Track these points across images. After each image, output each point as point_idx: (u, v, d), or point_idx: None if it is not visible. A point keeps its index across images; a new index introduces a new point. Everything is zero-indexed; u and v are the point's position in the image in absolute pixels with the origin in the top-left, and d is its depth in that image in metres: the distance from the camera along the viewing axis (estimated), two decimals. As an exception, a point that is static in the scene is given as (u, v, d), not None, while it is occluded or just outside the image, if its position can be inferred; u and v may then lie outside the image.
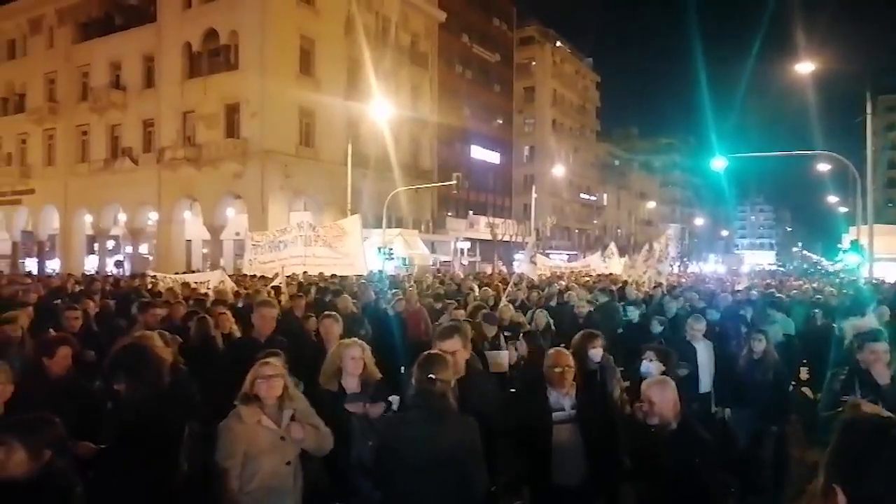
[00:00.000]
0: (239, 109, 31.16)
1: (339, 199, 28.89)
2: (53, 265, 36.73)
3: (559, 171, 53.24)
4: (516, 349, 6.59)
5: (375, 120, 31.15)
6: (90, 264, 35.96)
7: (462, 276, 21.91)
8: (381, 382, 4.11)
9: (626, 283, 14.64)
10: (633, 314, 8.64)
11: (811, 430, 5.94)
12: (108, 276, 22.33)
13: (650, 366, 4.95)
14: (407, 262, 30.96)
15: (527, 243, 24.89)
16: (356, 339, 4.43)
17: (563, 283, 16.00)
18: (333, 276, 14.55)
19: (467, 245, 43.81)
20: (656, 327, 7.58)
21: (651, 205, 77.95)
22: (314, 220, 26.38)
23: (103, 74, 35.97)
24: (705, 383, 6.30)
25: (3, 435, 2.56)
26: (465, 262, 39.69)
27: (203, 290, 11.88)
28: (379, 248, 25.43)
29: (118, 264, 32.57)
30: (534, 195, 43.96)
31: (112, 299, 10.09)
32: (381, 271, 19.72)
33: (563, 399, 4.05)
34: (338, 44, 33.97)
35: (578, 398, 4.06)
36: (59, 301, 9.40)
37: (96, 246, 37.98)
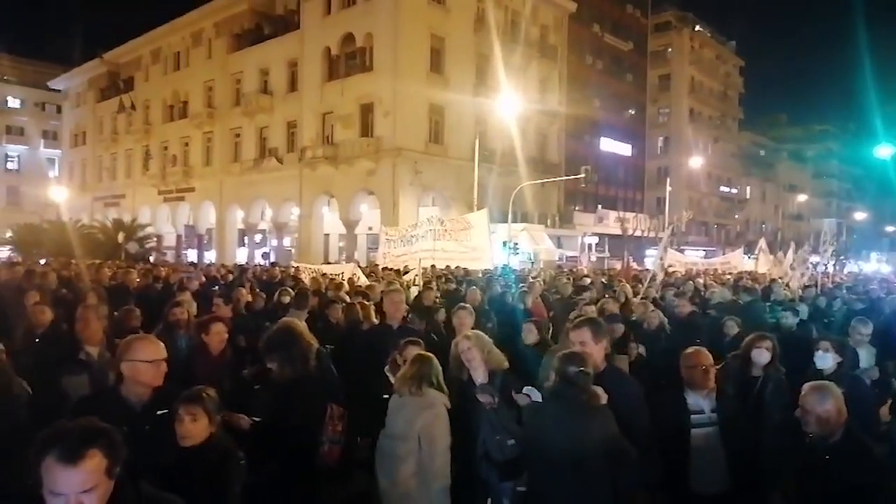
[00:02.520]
0: (373, 109, 32.49)
1: (466, 195, 29.24)
2: (210, 256, 40.48)
3: (696, 162, 50.23)
4: (637, 348, 6.33)
5: (503, 115, 31.16)
6: (241, 256, 39.25)
7: (588, 272, 21.37)
8: (509, 374, 4.08)
9: (773, 280, 13.54)
10: (787, 317, 7.26)
11: None
12: (258, 266, 23.99)
13: (825, 357, 4.55)
14: (532, 258, 30.77)
15: (660, 239, 23.79)
16: (472, 331, 4.43)
17: (701, 280, 15.11)
18: (448, 269, 14.73)
19: (595, 240, 42.65)
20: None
21: (802, 198, 71.31)
22: (442, 215, 27.04)
23: (253, 81, 38.98)
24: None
25: (191, 406, 2.88)
26: (592, 257, 38.68)
27: (338, 281, 12.57)
28: (504, 243, 25.45)
29: (265, 256, 35.26)
30: (668, 188, 41.87)
31: (261, 289, 10.92)
32: (506, 266, 19.74)
33: (702, 401, 3.83)
34: (467, 41, 34.37)
35: (720, 401, 3.81)
36: (216, 288, 10.36)
37: (246, 239, 41.33)
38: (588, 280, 13.92)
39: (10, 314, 6.73)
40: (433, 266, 14.38)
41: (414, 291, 9.81)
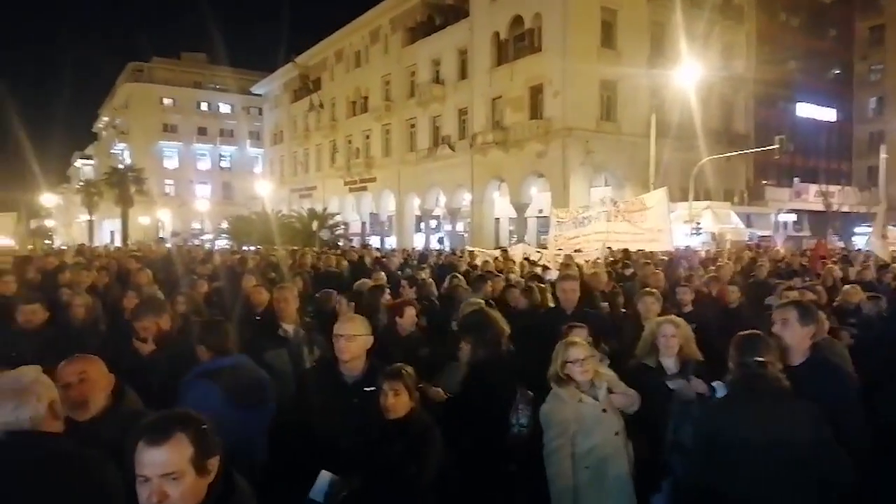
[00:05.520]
0: (542, 90, 32.18)
1: (641, 173, 27.92)
2: (390, 242, 43.10)
3: (921, 124, 43.13)
4: (851, 337, 5.64)
5: (681, 86, 29.18)
6: (418, 241, 41.27)
7: (784, 252, 19.35)
8: (702, 364, 3.90)
9: None
10: None
11: None
12: (435, 251, 24.94)
13: None
14: (716, 237, 28.61)
15: (874, 214, 20.83)
16: (672, 316, 4.28)
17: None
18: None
19: (792, 217, 38.47)
20: None
21: None
22: (615, 196, 26.13)
23: (426, 71, 40.48)
24: None
25: (393, 381, 3.17)
26: (788, 236, 34.95)
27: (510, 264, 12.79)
28: (685, 223, 23.99)
29: (440, 241, 36.74)
30: (882, 156, 36.39)
31: (439, 274, 11.45)
32: (687, 247, 18.60)
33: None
34: (641, 10, 32.65)
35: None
36: (400, 272, 11.07)
37: (422, 225, 43.34)
38: (783, 260, 12.65)
39: (228, 295, 7.81)
40: (610, 248, 13.97)
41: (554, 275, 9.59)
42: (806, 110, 41.80)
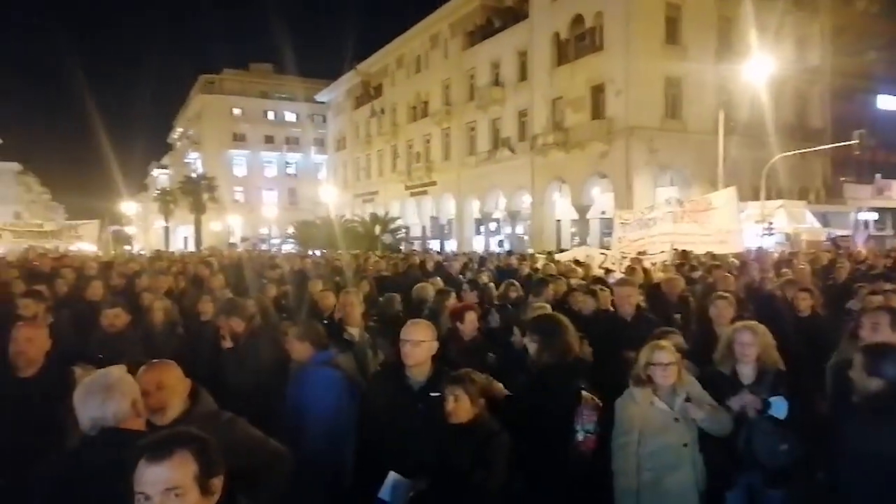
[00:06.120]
0: (604, 89, 31.66)
1: (708, 171, 27.02)
2: (450, 245, 43.30)
3: None
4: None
5: (751, 81, 28.07)
6: (477, 244, 41.29)
7: (866, 253, 18.27)
8: (782, 373, 3.72)
9: None
10: None
11: None
12: (497, 254, 24.84)
13: None
14: (791, 238, 27.36)
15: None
16: (751, 322, 4.11)
17: None
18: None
19: (874, 216, 36.32)
20: None
21: None
22: (681, 195, 25.36)
23: (486, 74, 40.51)
24: None
25: (455, 387, 3.20)
26: (869, 235, 33.01)
27: (572, 266, 12.61)
28: (756, 223, 23.06)
29: (500, 244, 36.62)
30: (977, 149, 33.93)
31: (499, 277, 11.41)
32: (759, 248, 17.86)
33: None
34: (707, 4, 31.65)
35: None
36: (461, 276, 11.12)
37: (482, 228, 43.34)
38: (864, 261, 11.96)
39: (295, 299, 8.04)
40: (676, 251, 13.56)
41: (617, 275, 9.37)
42: (887, 102, 39.33)
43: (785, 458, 3.43)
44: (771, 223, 24.23)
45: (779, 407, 3.29)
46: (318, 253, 25.36)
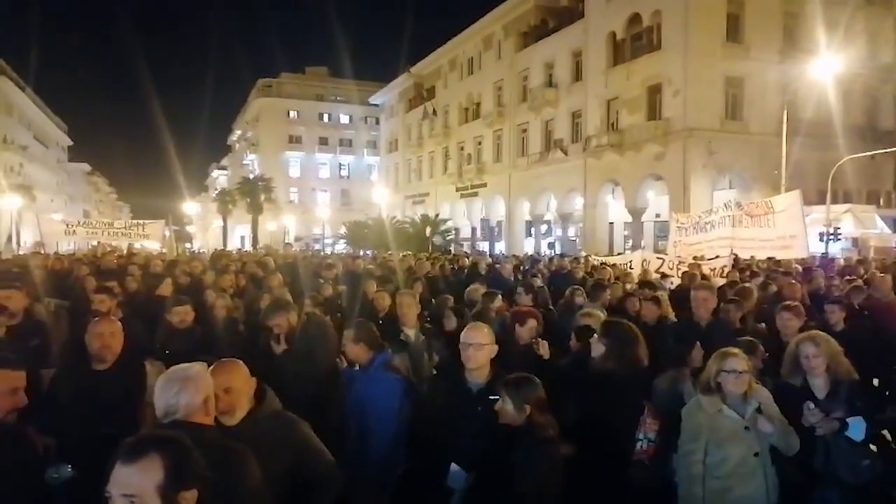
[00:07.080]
0: (661, 90, 30.96)
1: (770, 174, 26.10)
2: (500, 247, 43.13)
3: None
4: None
5: (818, 80, 26.92)
6: (528, 246, 40.98)
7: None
8: (857, 384, 3.57)
9: None
10: None
11: None
12: (550, 257, 24.52)
13: None
14: (858, 244, 26.16)
15: None
16: (813, 332, 3.95)
17: None
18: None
19: (951, 221, 34.29)
20: None
21: None
22: (741, 199, 24.51)
23: (539, 75, 40.19)
24: None
25: (503, 389, 3.17)
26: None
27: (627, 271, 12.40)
28: (823, 227, 22.10)
29: (550, 246, 36.25)
30: None
31: (551, 280, 11.28)
32: (824, 254, 17.13)
33: None
34: (772, 0, 30.58)
35: None
36: (512, 278, 11.05)
37: (532, 230, 43.01)
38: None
39: (350, 299, 8.16)
40: (737, 256, 13.12)
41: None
42: (968, 101, 37.05)
43: (867, 474, 3.28)
44: (837, 228, 23.19)
45: (856, 428, 3.13)
46: (368, 253, 25.69)
